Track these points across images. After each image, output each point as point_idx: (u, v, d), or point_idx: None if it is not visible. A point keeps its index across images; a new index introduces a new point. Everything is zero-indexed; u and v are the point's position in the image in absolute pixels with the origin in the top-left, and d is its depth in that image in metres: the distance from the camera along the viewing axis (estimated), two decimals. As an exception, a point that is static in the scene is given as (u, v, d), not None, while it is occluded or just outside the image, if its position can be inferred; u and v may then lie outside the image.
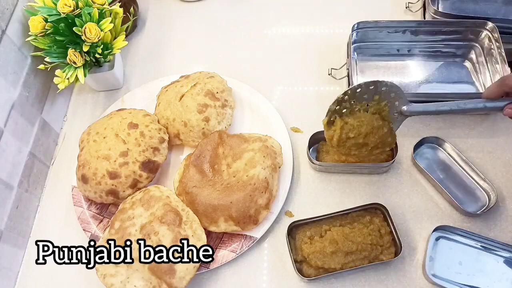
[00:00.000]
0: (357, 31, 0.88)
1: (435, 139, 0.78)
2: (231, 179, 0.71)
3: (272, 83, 0.91)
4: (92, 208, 0.76)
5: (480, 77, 0.85)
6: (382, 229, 0.69)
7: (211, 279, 0.70)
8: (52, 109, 0.86)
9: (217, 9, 1.05)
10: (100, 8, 0.80)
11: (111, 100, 0.91)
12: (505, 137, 0.80)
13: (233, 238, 0.71)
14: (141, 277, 0.64)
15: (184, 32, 1.02)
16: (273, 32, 1.00)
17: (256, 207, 0.69)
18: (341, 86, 0.89)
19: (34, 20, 0.75)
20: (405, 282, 0.67)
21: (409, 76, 0.88)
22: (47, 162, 0.83)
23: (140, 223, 0.67)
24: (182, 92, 0.81)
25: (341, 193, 0.76)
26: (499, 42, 0.81)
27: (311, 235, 0.69)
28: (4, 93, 0.71)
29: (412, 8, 0.97)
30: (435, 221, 0.72)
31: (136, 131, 0.75)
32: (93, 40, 0.77)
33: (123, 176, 0.72)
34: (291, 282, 0.69)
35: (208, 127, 0.78)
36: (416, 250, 0.70)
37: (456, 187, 0.74)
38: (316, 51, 0.95)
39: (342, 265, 0.65)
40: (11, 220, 0.71)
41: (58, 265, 0.73)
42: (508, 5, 0.93)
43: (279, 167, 0.74)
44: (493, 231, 0.70)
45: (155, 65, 0.96)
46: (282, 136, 0.80)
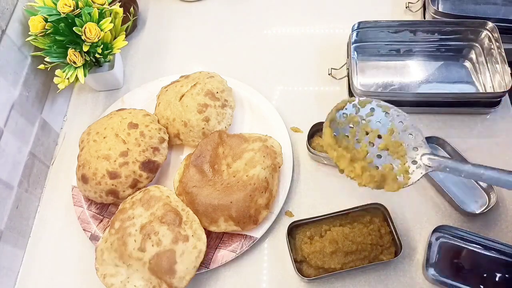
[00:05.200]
0: (357, 31, 0.88)
1: (435, 139, 0.78)
2: (231, 179, 0.71)
3: (272, 83, 0.91)
4: (92, 208, 0.76)
5: (480, 77, 0.85)
6: (382, 229, 0.69)
7: (211, 279, 0.70)
8: (52, 109, 0.86)
9: (217, 9, 1.05)
10: (100, 8, 0.80)
11: (111, 100, 0.91)
12: (505, 137, 0.80)
13: (233, 238, 0.71)
14: (141, 277, 0.64)
15: (184, 32, 1.02)
16: (273, 32, 1.00)
17: (256, 207, 0.69)
18: (341, 86, 0.89)
19: (34, 20, 0.75)
20: (405, 282, 0.67)
21: (409, 76, 0.88)
22: (47, 162, 0.83)
23: (140, 223, 0.67)
24: (182, 92, 0.81)
25: (341, 193, 0.76)
26: (499, 42, 0.81)
27: (311, 235, 0.69)
28: (4, 93, 0.71)
29: (412, 8, 0.97)
30: (435, 221, 0.72)
31: (136, 131, 0.75)
32: (93, 40, 0.77)
33: (123, 176, 0.72)
34: (291, 282, 0.69)
35: (208, 127, 0.78)
36: (416, 250, 0.70)
37: (456, 187, 0.74)
38: (316, 51, 0.95)
39: (342, 265, 0.65)
40: (11, 220, 0.71)
41: (58, 265, 0.73)
42: (508, 5, 0.93)
43: (279, 167, 0.74)
44: (493, 231, 0.70)
45: (155, 65, 0.96)
46: (282, 136, 0.80)
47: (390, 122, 0.58)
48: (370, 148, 0.58)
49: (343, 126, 0.59)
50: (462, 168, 0.52)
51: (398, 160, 0.57)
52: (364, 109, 0.59)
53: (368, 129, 0.59)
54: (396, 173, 0.56)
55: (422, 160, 0.55)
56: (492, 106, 0.81)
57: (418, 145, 0.56)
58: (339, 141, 0.58)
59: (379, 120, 0.58)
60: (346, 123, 0.59)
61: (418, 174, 0.55)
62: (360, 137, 0.59)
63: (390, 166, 0.57)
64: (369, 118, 0.59)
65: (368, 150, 0.58)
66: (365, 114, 0.59)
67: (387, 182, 0.56)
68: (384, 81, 0.88)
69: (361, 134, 0.59)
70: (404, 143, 0.57)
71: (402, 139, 0.57)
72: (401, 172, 0.56)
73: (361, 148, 0.58)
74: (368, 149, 0.58)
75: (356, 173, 0.56)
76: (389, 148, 0.57)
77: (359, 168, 0.56)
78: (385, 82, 0.88)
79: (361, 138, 0.59)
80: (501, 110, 0.82)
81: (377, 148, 0.58)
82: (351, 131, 0.59)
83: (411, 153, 0.56)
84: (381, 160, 0.57)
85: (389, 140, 0.57)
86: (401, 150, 0.57)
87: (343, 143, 0.58)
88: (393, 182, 0.56)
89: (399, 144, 0.57)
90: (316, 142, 0.78)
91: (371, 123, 0.59)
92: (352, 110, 0.59)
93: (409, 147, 0.57)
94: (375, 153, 0.58)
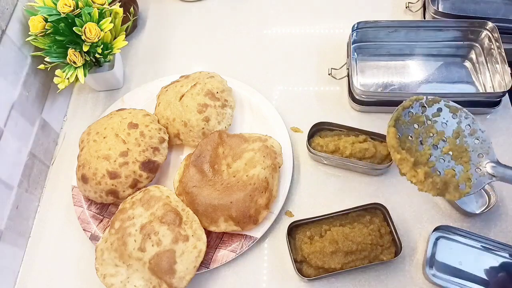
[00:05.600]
0: (357, 31, 0.88)
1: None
2: (231, 179, 0.71)
3: (272, 83, 0.91)
4: (92, 208, 0.76)
5: (480, 77, 0.85)
6: (382, 229, 0.69)
7: (211, 279, 0.70)
8: (52, 109, 0.86)
9: (217, 9, 1.05)
10: (100, 8, 0.80)
11: (111, 100, 0.91)
12: (505, 137, 0.80)
13: (233, 238, 0.71)
14: (141, 277, 0.64)
15: (184, 32, 1.02)
16: (273, 32, 1.00)
17: (256, 207, 0.69)
18: (341, 86, 0.89)
19: (34, 20, 0.75)
20: (405, 282, 0.67)
21: (409, 76, 0.88)
22: (47, 162, 0.83)
23: (140, 223, 0.67)
24: (182, 92, 0.81)
25: (341, 193, 0.76)
26: (499, 42, 0.81)
27: (311, 235, 0.69)
28: (4, 93, 0.71)
29: (412, 8, 0.97)
30: (435, 221, 0.72)
31: (136, 131, 0.75)
32: (93, 40, 0.77)
33: (123, 176, 0.72)
34: (291, 282, 0.69)
35: (208, 127, 0.78)
36: (416, 250, 0.70)
37: (456, 187, 0.74)
38: (316, 51, 0.95)
39: (342, 265, 0.65)
40: (11, 220, 0.71)
41: (58, 265, 0.73)
42: (508, 5, 0.94)
43: (279, 167, 0.74)
44: (493, 231, 0.70)
45: (155, 65, 0.97)
46: (282, 136, 0.80)
47: (457, 124, 0.56)
48: (433, 150, 0.56)
49: (408, 126, 0.57)
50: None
51: (461, 166, 0.55)
52: (431, 108, 0.57)
53: (433, 130, 0.57)
54: (458, 180, 0.54)
55: (486, 168, 0.53)
56: (492, 106, 0.81)
57: (484, 151, 0.54)
58: (402, 142, 0.56)
59: (445, 121, 0.56)
60: (411, 122, 0.57)
61: (481, 183, 0.53)
62: (424, 139, 0.57)
63: (452, 172, 0.54)
64: (435, 119, 0.57)
65: (431, 153, 0.56)
66: (432, 114, 0.57)
67: (449, 190, 0.54)
68: (384, 81, 0.88)
69: (426, 136, 0.57)
70: (469, 148, 0.55)
71: (468, 143, 0.55)
72: (463, 180, 0.54)
73: (424, 151, 0.56)
74: (432, 151, 0.56)
75: (418, 178, 0.54)
76: (453, 152, 0.55)
77: (422, 174, 0.54)
78: (385, 82, 0.88)
79: (425, 140, 0.57)
80: (501, 110, 0.82)
81: (440, 151, 0.56)
82: (415, 131, 0.57)
83: (475, 160, 0.54)
84: (443, 164, 0.55)
85: (454, 144, 0.55)
86: (465, 156, 0.55)
87: (406, 144, 0.56)
88: (455, 191, 0.54)
89: (464, 149, 0.55)
90: (316, 142, 0.78)
91: (437, 124, 0.57)
92: (419, 110, 0.57)
93: (474, 153, 0.54)
94: (438, 156, 0.55)
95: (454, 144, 0.55)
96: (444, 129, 0.56)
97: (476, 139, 0.54)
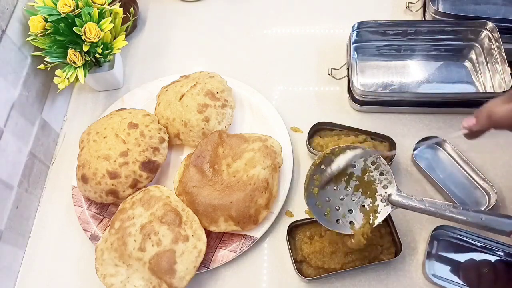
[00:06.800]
0: (357, 31, 0.88)
1: (435, 139, 0.78)
2: (231, 179, 0.71)
3: (272, 83, 0.91)
4: (92, 208, 0.76)
5: (480, 77, 0.85)
6: (382, 229, 0.69)
7: (211, 279, 0.70)
8: (52, 109, 0.86)
9: (217, 9, 1.05)
10: (100, 8, 0.80)
11: (111, 100, 0.91)
12: (505, 137, 0.79)
13: (233, 238, 0.71)
14: (141, 277, 0.64)
15: (184, 32, 1.02)
16: (273, 32, 1.00)
17: (256, 207, 0.69)
18: (341, 86, 0.89)
19: (34, 20, 0.75)
20: (405, 282, 0.67)
21: (409, 76, 0.88)
22: (47, 162, 0.83)
23: (140, 223, 0.67)
24: (182, 92, 0.81)
25: (341, 193, 0.76)
26: (499, 42, 0.81)
27: (311, 235, 0.69)
28: (4, 93, 0.71)
29: (412, 8, 0.97)
30: (435, 221, 0.71)
31: (136, 131, 0.75)
32: (93, 40, 0.77)
33: (123, 176, 0.72)
34: (291, 282, 0.69)
35: (208, 127, 0.78)
36: (416, 250, 0.70)
37: (456, 187, 0.74)
38: (316, 51, 0.95)
39: (342, 265, 0.65)
40: (11, 220, 0.71)
41: (58, 265, 0.73)
42: (508, 5, 0.93)
43: (279, 167, 0.74)
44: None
45: (155, 65, 0.96)
46: (282, 136, 0.80)
47: (363, 162, 0.62)
48: (346, 191, 0.63)
49: (322, 185, 0.63)
50: (421, 206, 0.58)
51: (369, 199, 0.61)
52: (339, 157, 0.63)
53: (344, 174, 0.63)
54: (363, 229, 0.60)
55: (389, 198, 0.60)
56: (492, 106, 0.81)
57: (388, 182, 0.61)
58: (320, 212, 0.62)
59: (354, 163, 0.62)
60: (323, 178, 0.63)
61: (385, 213, 0.60)
62: (337, 183, 0.63)
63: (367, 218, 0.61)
64: (344, 164, 0.62)
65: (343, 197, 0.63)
66: (341, 160, 0.62)
67: (358, 239, 0.60)
68: (384, 81, 0.88)
69: (338, 181, 0.63)
70: (376, 181, 0.62)
71: (374, 177, 0.62)
72: (370, 212, 0.61)
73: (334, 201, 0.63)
74: (346, 191, 0.63)
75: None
76: (362, 188, 0.62)
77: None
78: (385, 82, 0.88)
79: (338, 184, 0.63)
80: (501, 110, 0.82)
81: (351, 189, 0.62)
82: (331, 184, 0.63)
83: (381, 191, 0.61)
84: (355, 200, 0.62)
85: (363, 180, 0.62)
86: (372, 189, 0.61)
87: (326, 209, 0.62)
88: (362, 238, 0.60)
89: (371, 183, 0.62)
90: (316, 142, 0.78)
91: (348, 168, 0.63)
92: (329, 161, 0.63)
93: (380, 185, 0.61)
94: (350, 194, 0.62)
95: (362, 180, 0.62)
96: (353, 169, 0.63)
97: (381, 173, 0.61)
